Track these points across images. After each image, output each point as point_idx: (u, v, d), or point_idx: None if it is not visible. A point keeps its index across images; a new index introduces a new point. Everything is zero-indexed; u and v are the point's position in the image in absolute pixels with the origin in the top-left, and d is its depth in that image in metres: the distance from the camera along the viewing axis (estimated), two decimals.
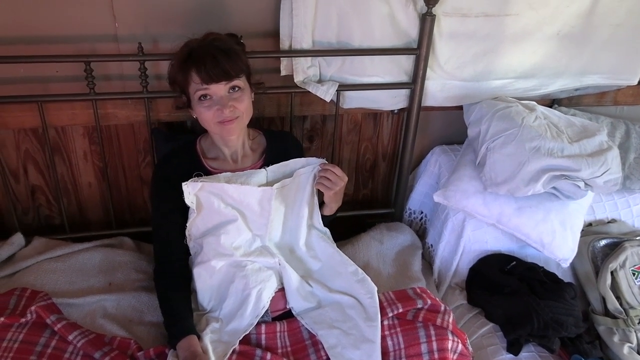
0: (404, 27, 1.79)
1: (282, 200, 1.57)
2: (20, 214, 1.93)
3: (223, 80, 1.42)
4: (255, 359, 1.42)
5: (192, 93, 1.45)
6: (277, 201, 1.55)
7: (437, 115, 2.12)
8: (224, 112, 1.44)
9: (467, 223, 1.91)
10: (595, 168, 1.74)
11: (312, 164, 1.60)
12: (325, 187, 1.56)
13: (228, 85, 1.44)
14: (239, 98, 1.47)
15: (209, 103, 1.45)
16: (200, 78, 1.40)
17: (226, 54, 1.41)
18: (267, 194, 1.53)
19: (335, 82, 1.83)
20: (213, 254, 1.52)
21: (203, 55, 1.40)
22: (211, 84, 1.41)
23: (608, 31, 1.93)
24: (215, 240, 1.52)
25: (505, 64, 1.92)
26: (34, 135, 1.80)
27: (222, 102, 1.44)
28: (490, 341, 1.72)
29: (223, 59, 1.40)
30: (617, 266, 1.85)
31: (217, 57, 1.39)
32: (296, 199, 1.61)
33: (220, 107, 1.44)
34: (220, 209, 1.51)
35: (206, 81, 1.40)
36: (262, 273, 1.53)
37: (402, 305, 1.50)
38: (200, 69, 1.39)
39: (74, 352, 1.44)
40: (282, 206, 1.59)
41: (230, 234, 1.52)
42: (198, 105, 1.46)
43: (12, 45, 1.61)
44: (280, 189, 1.55)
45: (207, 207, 1.52)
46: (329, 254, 1.63)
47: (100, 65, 1.68)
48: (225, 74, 1.41)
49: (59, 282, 1.67)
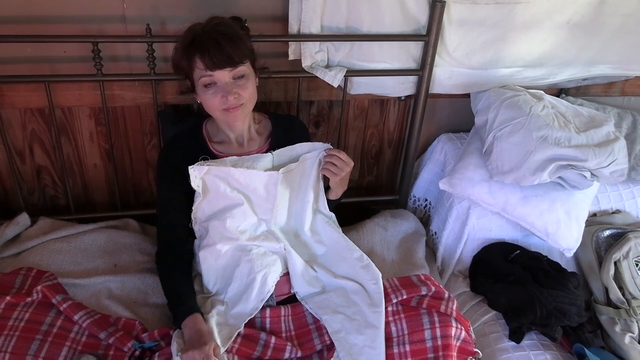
0: (413, 14, 1.78)
1: (287, 185, 1.58)
2: (26, 194, 1.93)
3: (227, 67, 1.41)
4: (260, 342, 1.43)
5: (197, 79, 1.44)
6: (283, 186, 1.56)
7: (444, 102, 2.11)
8: (228, 99, 1.44)
9: (471, 211, 1.91)
10: (602, 158, 1.74)
11: (318, 148, 1.60)
12: (331, 172, 1.56)
13: (232, 72, 1.43)
14: (244, 85, 1.46)
15: (213, 90, 1.44)
16: (204, 64, 1.40)
17: (230, 39, 1.40)
18: (273, 179, 1.53)
19: (343, 67, 1.82)
20: (219, 237, 1.53)
21: (206, 41, 1.39)
22: (215, 70, 1.40)
23: (618, 21, 1.92)
24: (220, 224, 1.52)
25: (514, 52, 1.91)
26: (41, 116, 1.79)
27: (227, 89, 1.43)
28: (492, 329, 1.73)
29: (227, 45, 1.39)
30: (621, 257, 1.85)
31: (220, 42, 1.38)
32: (301, 183, 1.61)
33: (225, 94, 1.43)
34: (226, 193, 1.51)
35: (210, 67, 1.40)
36: (267, 257, 1.53)
37: (407, 291, 1.50)
38: (204, 55, 1.38)
39: (79, 332, 1.45)
40: (288, 191, 1.59)
41: (236, 218, 1.53)
42: (202, 92, 1.45)
43: (20, 24, 1.60)
44: (286, 174, 1.55)
45: (213, 190, 1.52)
46: (334, 239, 1.64)
47: (107, 46, 1.67)
48: (229, 59, 1.40)
49: (64, 263, 1.68)
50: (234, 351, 1.39)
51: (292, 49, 1.80)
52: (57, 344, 1.39)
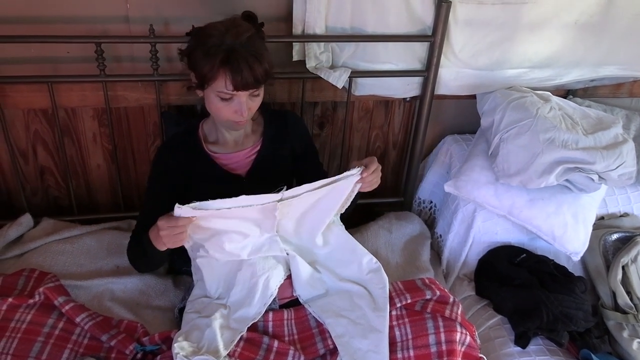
0: (419, 14, 1.77)
1: (298, 205, 1.45)
2: (29, 195, 1.93)
3: (252, 88, 1.41)
4: (262, 346, 1.42)
5: (215, 89, 1.41)
6: (288, 208, 1.43)
7: (450, 103, 2.10)
8: (242, 115, 1.43)
9: (477, 214, 1.89)
10: (609, 161, 1.72)
11: (345, 177, 1.43)
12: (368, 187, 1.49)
13: (252, 91, 1.43)
14: (256, 100, 1.47)
15: (228, 103, 1.43)
16: (232, 84, 1.37)
17: (260, 61, 1.38)
18: (268, 209, 1.40)
19: (347, 68, 1.80)
20: (218, 255, 1.46)
21: (240, 63, 1.35)
22: (240, 90, 1.39)
23: (627, 21, 1.90)
24: (218, 247, 1.44)
25: (521, 53, 1.90)
26: (44, 116, 1.79)
27: (242, 107, 1.43)
28: (498, 333, 1.71)
29: (257, 67, 1.37)
30: (629, 261, 1.83)
31: (252, 66, 1.36)
32: (321, 206, 1.49)
33: (239, 110, 1.43)
34: (218, 224, 1.41)
35: (237, 88, 1.38)
36: (269, 261, 1.51)
37: (411, 295, 1.49)
38: (236, 76, 1.36)
39: (81, 334, 1.44)
40: (297, 209, 1.48)
41: (234, 242, 1.45)
42: (215, 100, 1.43)
43: (23, 25, 1.60)
44: (290, 200, 1.42)
45: (204, 223, 1.41)
46: (341, 240, 1.60)
47: (111, 47, 1.67)
48: (256, 81, 1.39)
49: (67, 264, 1.68)
50: (236, 355, 1.37)
51: (296, 50, 1.79)
52: (59, 346, 1.38)
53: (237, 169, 1.59)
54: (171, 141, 1.63)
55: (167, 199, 1.48)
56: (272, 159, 1.62)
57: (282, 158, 1.65)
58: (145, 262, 1.61)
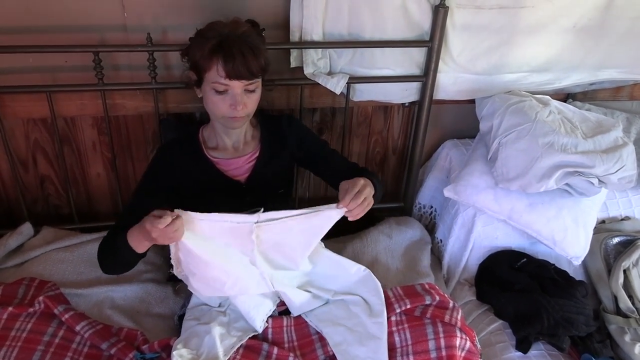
0: (416, 19, 1.77)
1: (280, 232, 1.40)
2: (30, 204, 1.93)
3: (245, 79, 1.41)
4: (262, 353, 1.42)
5: (209, 80, 1.42)
6: (268, 234, 1.38)
7: (449, 108, 2.09)
8: (237, 109, 1.43)
9: (477, 218, 1.89)
10: (609, 164, 1.71)
11: (327, 210, 1.36)
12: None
13: (247, 84, 1.43)
14: (253, 97, 1.47)
15: (223, 96, 1.43)
16: (225, 72, 1.38)
17: (254, 52, 1.39)
18: (245, 229, 1.36)
19: (345, 74, 1.80)
20: (203, 292, 1.48)
21: (233, 50, 1.37)
22: (233, 80, 1.40)
23: (626, 24, 1.89)
24: (203, 284, 1.44)
25: (520, 57, 1.89)
26: (43, 125, 1.79)
27: (237, 99, 1.43)
28: (499, 338, 1.70)
29: (251, 58, 1.38)
30: (630, 264, 1.82)
31: (246, 55, 1.37)
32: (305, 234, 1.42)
33: (234, 103, 1.43)
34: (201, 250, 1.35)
35: (230, 76, 1.39)
36: (255, 298, 1.49)
37: (410, 301, 1.48)
38: (228, 63, 1.37)
39: (81, 343, 1.44)
40: (279, 237, 1.41)
41: (218, 282, 1.41)
42: (211, 94, 1.44)
43: (22, 34, 1.61)
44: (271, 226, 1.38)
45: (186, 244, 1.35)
46: (324, 256, 1.56)
47: (109, 56, 1.68)
48: (250, 73, 1.40)
49: (67, 273, 1.68)
50: None
51: (294, 56, 1.79)
52: (59, 354, 1.39)
53: (236, 175, 1.59)
54: (172, 143, 1.62)
55: (157, 199, 1.49)
56: (271, 164, 1.62)
57: (281, 163, 1.65)
58: (112, 261, 1.47)
